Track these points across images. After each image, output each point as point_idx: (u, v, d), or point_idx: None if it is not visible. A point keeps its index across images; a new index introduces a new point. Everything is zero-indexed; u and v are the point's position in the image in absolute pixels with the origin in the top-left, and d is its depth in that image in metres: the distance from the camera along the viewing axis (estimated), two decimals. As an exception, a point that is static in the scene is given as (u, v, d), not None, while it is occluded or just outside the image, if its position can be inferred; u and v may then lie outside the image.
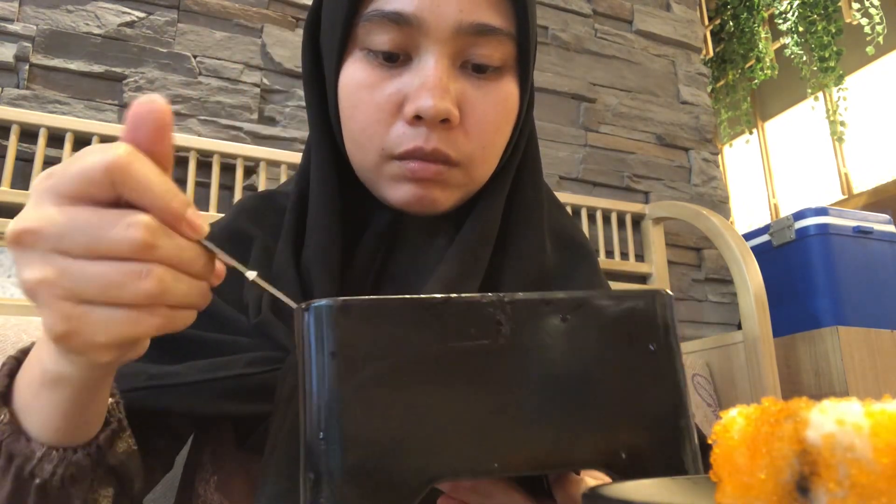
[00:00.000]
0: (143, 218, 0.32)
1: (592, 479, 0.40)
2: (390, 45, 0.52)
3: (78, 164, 0.32)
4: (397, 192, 0.55)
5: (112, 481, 0.45)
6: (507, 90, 0.56)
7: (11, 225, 0.33)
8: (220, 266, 0.37)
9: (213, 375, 0.49)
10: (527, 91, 0.59)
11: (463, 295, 0.31)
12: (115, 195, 0.32)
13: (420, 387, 0.30)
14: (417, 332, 0.30)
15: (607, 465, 0.30)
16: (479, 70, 0.54)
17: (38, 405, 0.40)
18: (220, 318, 0.54)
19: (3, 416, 0.40)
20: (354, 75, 0.54)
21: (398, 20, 0.52)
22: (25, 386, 0.41)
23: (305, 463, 0.30)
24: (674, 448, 0.31)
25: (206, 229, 0.35)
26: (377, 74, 0.53)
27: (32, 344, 0.42)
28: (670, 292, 0.34)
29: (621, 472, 0.30)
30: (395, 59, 0.53)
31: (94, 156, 0.32)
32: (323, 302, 0.30)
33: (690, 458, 0.32)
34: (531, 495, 0.39)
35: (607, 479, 0.44)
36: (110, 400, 0.44)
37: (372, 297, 0.31)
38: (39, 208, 0.32)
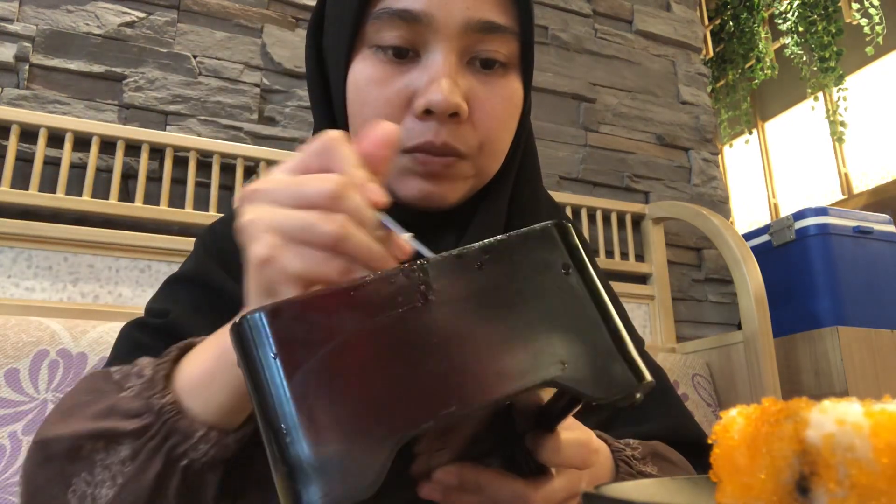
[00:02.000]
0: (335, 175, 0.39)
1: (566, 430, 0.41)
2: (399, 40, 0.54)
3: (303, 149, 0.41)
4: (406, 187, 0.56)
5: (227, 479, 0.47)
6: (513, 86, 0.58)
7: (246, 186, 0.42)
8: (400, 244, 0.41)
9: None
10: (529, 89, 0.61)
11: (379, 271, 0.34)
12: (325, 166, 0.40)
13: (363, 362, 0.32)
14: (348, 315, 0.32)
15: (553, 380, 0.33)
16: (485, 66, 0.56)
17: (209, 384, 0.44)
18: None
19: (168, 397, 0.44)
20: (364, 72, 0.55)
21: (407, 17, 0.53)
22: (197, 370, 0.45)
23: (275, 459, 0.31)
24: (607, 351, 0.35)
25: (385, 202, 0.40)
26: (386, 70, 0.55)
27: (193, 343, 0.47)
28: (566, 223, 0.38)
29: (569, 380, 0.33)
30: (404, 55, 0.54)
31: (315, 141, 0.41)
32: (254, 312, 0.33)
33: (628, 360, 0.34)
34: (521, 477, 0.40)
35: (579, 425, 0.45)
36: None
37: (299, 294, 0.34)
38: (269, 177, 0.41)
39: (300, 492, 0.30)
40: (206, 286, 0.61)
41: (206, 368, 0.45)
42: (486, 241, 0.35)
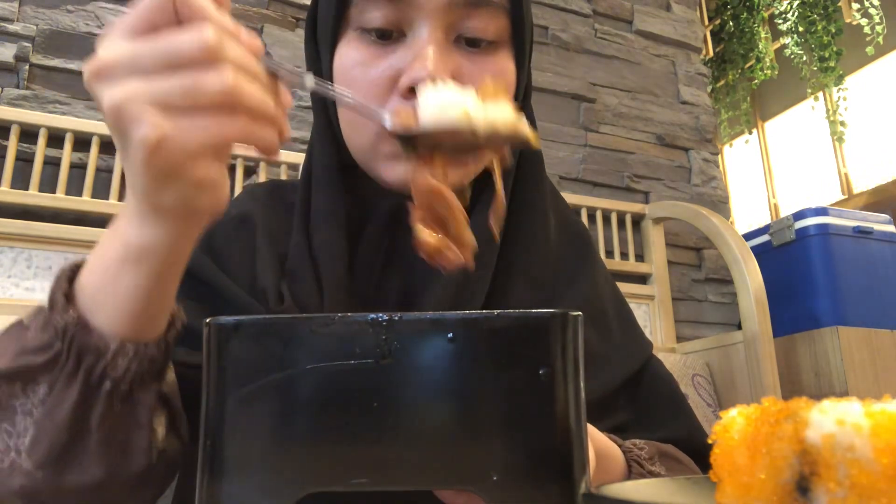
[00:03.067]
0: (208, 24, 0.33)
1: None
2: (383, 21, 0.53)
3: (139, 5, 0.35)
4: (393, 172, 0.55)
5: (164, 409, 0.45)
6: (503, 64, 0.56)
7: (87, 66, 0.34)
8: (285, 93, 0.37)
9: None
10: (524, 69, 0.58)
11: (350, 315, 0.32)
12: (175, 22, 0.34)
13: (301, 401, 0.31)
14: (304, 350, 0.32)
15: (477, 487, 0.30)
16: (472, 44, 0.54)
17: (114, 289, 0.39)
18: (237, 306, 0.54)
19: (70, 314, 0.39)
20: (348, 55, 0.55)
21: None
22: (97, 277, 0.40)
23: (200, 462, 0.32)
24: (552, 477, 0.31)
25: (261, 47, 0.36)
26: (371, 52, 0.53)
27: (79, 263, 0.42)
28: (577, 313, 0.32)
29: (491, 494, 0.30)
30: (389, 37, 0.53)
31: None
32: (220, 320, 0.33)
33: (573, 488, 0.31)
34: None
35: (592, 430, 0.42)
36: (173, 306, 0.44)
37: (265, 316, 0.34)
38: (111, 45, 0.34)
39: (215, 497, 0.31)
40: (196, 278, 0.60)
41: (108, 272, 0.39)
42: (473, 312, 0.32)
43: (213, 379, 0.32)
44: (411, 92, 0.51)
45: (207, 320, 0.33)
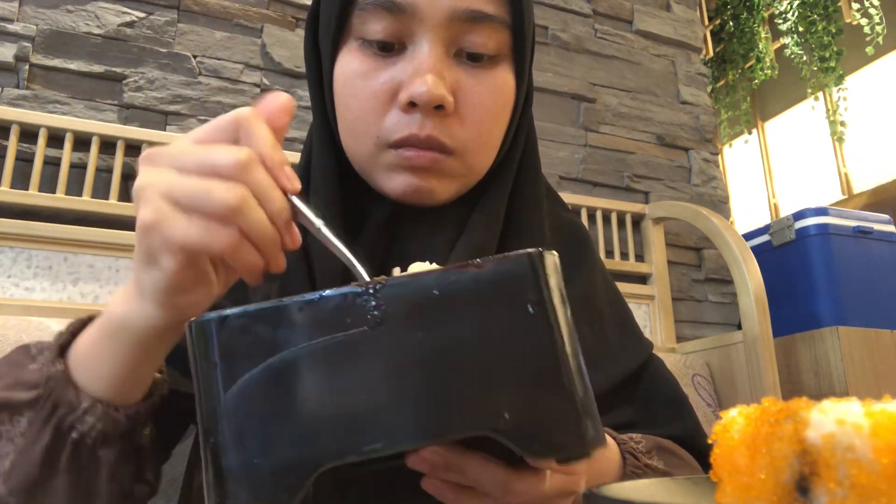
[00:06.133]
0: (247, 149, 0.38)
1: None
2: (384, 33, 0.53)
3: (211, 122, 0.40)
4: (393, 182, 0.55)
5: (132, 463, 0.46)
6: (503, 78, 0.56)
7: (149, 149, 0.40)
8: (295, 233, 0.40)
9: None
10: (524, 81, 0.59)
11: (332, 289, 0.32)
12: (238, 142, 0.39)
13: (299, 381, 0.31)
14: (294, 331, 0.32)
15: (493, 429, 0.31)
16: (473, 59, 0.54)
17: (95, 353, 0.43)
18: None
19: (58, 366, 0.43)
20: (349, 65, 0.55)
21: (392, 8, 0.52)
22: (86, 340, 0.44)
23: (205, 464, 0.31)
24: (557, 406, 0.32)
25: (298, 187, 0.39)
26: (371, 63, 0.54)
27: (93, 316, 0.46)
28: (551, 252, 0.34)
29: (507, 433, 0.31)
30: (390, 49, 0.53)
31: (226, 115, 0.39)
32: (203, 317, 0.33)
33: (579, 419, 0.32)
34: (507, 464, 0.39)
35: None
36: (157, 375, 0.46)
37: (249, 305, 0.33)
38: (172, 143, 0.39)
39: (223, 500, 0.30)
40: None
41: (93, 338, 0.43)
42: (450, 266, 0.33)
43: (204, 378, 0.32)
44: (411, 106, 0.52)
45: (188, 322, 0.33)
